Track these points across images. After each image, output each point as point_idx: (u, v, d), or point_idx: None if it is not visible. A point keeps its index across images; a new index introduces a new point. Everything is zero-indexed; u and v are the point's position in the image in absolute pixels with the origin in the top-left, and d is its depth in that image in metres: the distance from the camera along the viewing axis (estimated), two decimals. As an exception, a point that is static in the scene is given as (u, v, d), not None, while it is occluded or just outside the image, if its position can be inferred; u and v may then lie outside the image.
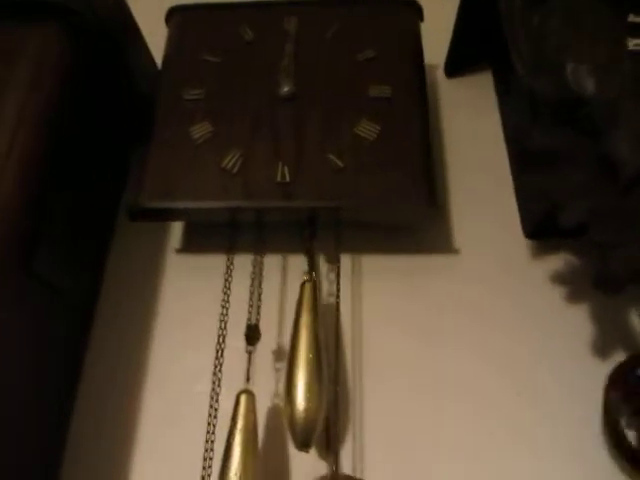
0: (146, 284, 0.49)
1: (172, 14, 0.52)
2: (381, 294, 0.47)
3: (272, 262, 0.48)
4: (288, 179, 0.43)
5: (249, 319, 0.43)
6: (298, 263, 0.47)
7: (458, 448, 0.41)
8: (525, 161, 0.45)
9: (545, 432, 0.41)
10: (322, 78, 0.47)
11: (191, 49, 0.49)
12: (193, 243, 0.51)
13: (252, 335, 0.41)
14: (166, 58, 0.50)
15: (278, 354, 0.44)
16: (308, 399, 0.38)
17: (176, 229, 0.52)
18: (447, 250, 0.49)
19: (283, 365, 0.43)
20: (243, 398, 0.39)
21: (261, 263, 0.45)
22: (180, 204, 0.43)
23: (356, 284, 0.48)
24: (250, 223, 0.47)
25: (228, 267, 0.44)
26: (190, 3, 0.53)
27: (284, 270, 0.48)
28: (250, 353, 0.41)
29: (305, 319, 0.41)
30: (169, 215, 0.44)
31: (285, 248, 0.48)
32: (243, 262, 0.46)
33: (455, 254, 0.48)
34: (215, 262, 0.48)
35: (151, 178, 0.44)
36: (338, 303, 0.43)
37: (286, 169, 0.43)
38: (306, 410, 0.37)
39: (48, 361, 0.41)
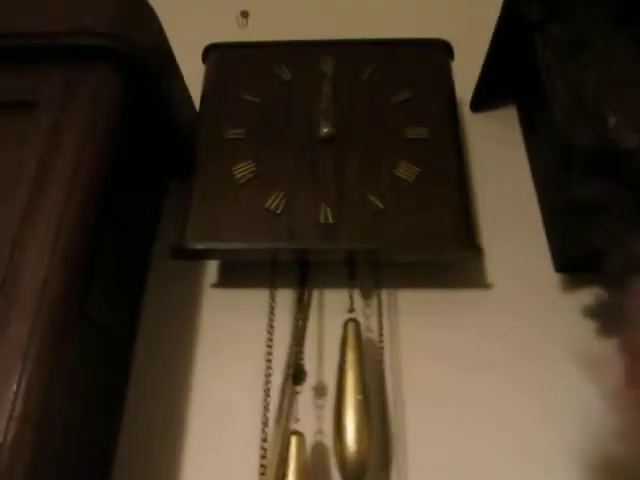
0: (183, 318, 0.50)
1: (209, 52, 0.53)
2: (418, 328, 0.48)
3: (303, 298, 0.49)
4: (331, 220, 0.44)
5: (294, 356, 0.44)
6: (335, 299, 0.48)
7: (500, 473, 0.42)
8: (559, 205, 0.47)
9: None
10: (359, 120, 0.49)
11: (229, 88, 0.50)
12: (229, 278, 0.51)
13: (299, 375, 0.42)
14: (205, 96, 0.51)
15: (319, 391, 0.45)
16: (359, 441, 0.39)
17: (211, 264, 0.53)
18: (480, 285, 0.50)
19: (324, 402, 0.44)
20: (294, 440, 0.39)
21: (305, 300, 0.46)
22: (225, 245, 0.44)
23: (393, 319, 0.49)
24: (289, 261, 0.48)
25: (271, 305, 0.45)
26: (226, 41, 0.54)
27: (320, 306, 0.49)
28: (296, 393, 0.42)
29: (351, 358, 0.42)
30: (213, 255, 0.45)
31: (320, 284, 0.50)
32: (281, 297, 0.47)
33: (488, 288, 0.50)
34: (253, 297, 0.49)
35: (195, 217, 0.44)
36: (382, 342, 0.45)
37: (329, 210, 0.44)
38: (357, 452, 0.38)
39: (94, 393, 0.42)
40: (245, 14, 0.66)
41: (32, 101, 0.39)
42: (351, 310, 0.45)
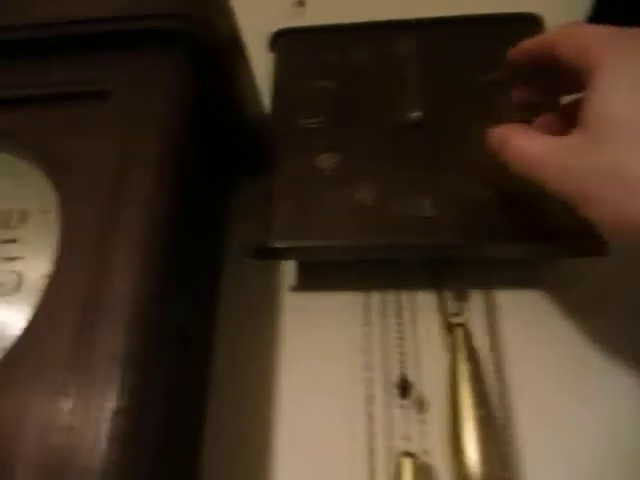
0: (262, 324, 0.45)
1: (278, 38, 0.49)
2: (516, 332, 0.43)
3: (395, 300, 0.44)
4: (430, 213, 0.39)
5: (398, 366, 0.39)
6: (425, 300, 0.44)
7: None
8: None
9: None
10: (449, 102, 0.44)
11: (303, 74, 0.46)
12: (309, 280, 0.47)
13: (406, 387, 0.37)
14: (278, 84, 0.47)
15: (420, 405, 0.40)
16: (485, 463, 0.34)
17: (286, 266, 0.48)
18: (598, 283, 0.44)
19: (426, 417, 0.39)
20: (407, 463, 0.34)
21: (400, 302, 0.41)
22: (316, 242, 0.39)
23: (490, 322, 0.43)
24: (377, 260, 0.43)
25: (366, 308, 0.41)
26: (296, 26, 0.50)
27: (413, 309, 0.44)
28: (404, 408, 0.37)
29: (464, 369, 0.37)
30: (302, 254, 0.41)
31: (406, 284, 0.45)
32: (372, 300, 0.43)
33: (603, 287, 0.44)
34: (338, 300, 0.44)
35: (279, 214, 0.40)
36: (493, 350, 0.40)
37: (427, 202, 0.40)
38: (484, 476, 0.33)
39: (181, 408, 0.37)
40: (302, 2, 0.62)
41: (104, 90, 0.36)
42: (457, 314, 0.40)
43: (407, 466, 0.34)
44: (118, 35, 0.37)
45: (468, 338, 0.39)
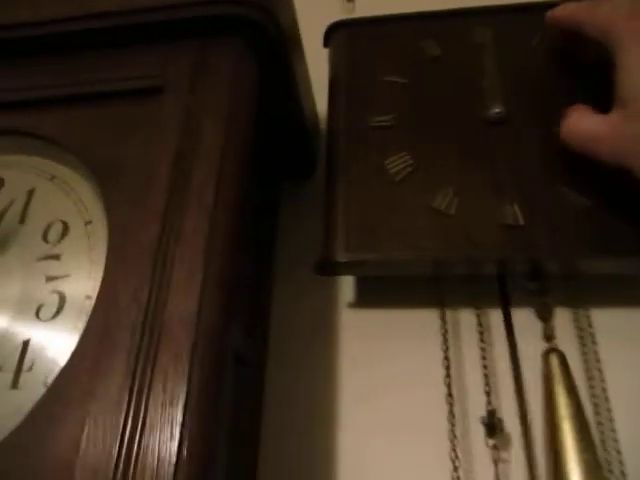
0: (317, 344, 0.40)
1: (334, 31, 0.45)
2: (618, 358, 0.37)
3: (460, 320, 0.39)
4: (522, 221, 0.34)
5: (485, 400, 0.34)
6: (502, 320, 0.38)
7: None
8: None
9: None
10: (534, 96, 0.39)
11: (367, 69, 0.42)
12: (369, 296, 0.42)
13: (495, 424, 0.32)
14: (336, 80, 0.43)
15: (504, 441, 0.35)
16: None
17: (344, 281, 0.44)
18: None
19: (510, 456, 0.34)
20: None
21: (483, 324, 0.36)
22: (387, 255, 0.34)
23: (588, 345, 0.38)
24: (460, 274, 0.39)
25: (444, 329, 0.36)
26: (353, 18, 0.46)
27: (491, 331, 0.39)
28: (496, 448, 0.32)
29: (564, 403, 0.32)
30: (369, 268, 0.36)
31: (483, 301, 0.40)
32: (429, 319, 0.38)
33: None
34: (396, 318, 0.40)
35: (343, 224, 0.36)
36: (592, 380, 0.34)
37: (517, 208, 0.35)
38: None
39: (240, 435, 0.33)
40: (352, -2, 0.58)
41: (155, 86, 0.32)
42: (550, 336, 0.35)
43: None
44: (174, 23, 0.33)
45: (565, 366, 0.33)
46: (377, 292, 0.42)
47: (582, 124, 0.34)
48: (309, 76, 0.45)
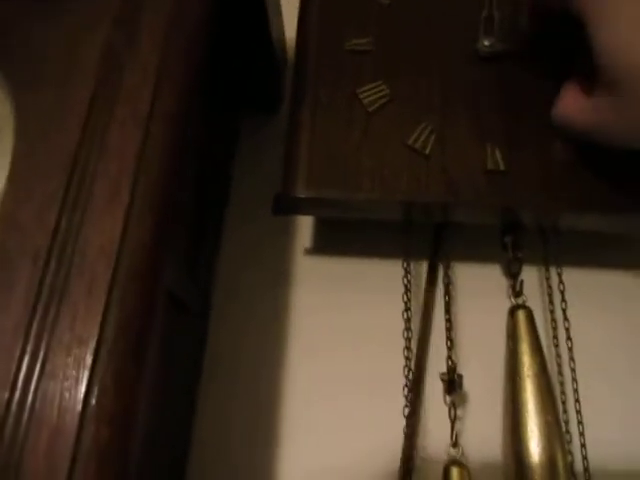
0: (269, 292, 0.37)
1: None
2: (588, 319, 0.35)
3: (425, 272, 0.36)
4: (502, 167, 0.31)
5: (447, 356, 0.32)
6: (475, 275, 0.36)
7: None
8: None
9: None
10: (532, 30, 0.35)
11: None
12: (327, 242, 0.39)
13: (453, 380, 0.30)
14: (311, -4, 0.37)
15: (459, 398, 0.33)
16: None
17: (304, 222, 0.41)
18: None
19: (464, 413, 0.32)
20: (456, 473, 0.28)
21: (447, 278, 0.34)
22: (354, 195, 0.31)
23: (556, 304, 0.36)
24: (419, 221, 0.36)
25: (406, 280, 0.33)
26: None
27: (462, 284, 0.37)
28: (454, 406, 0.30)
29: (528, 362, 0.30)
30: (332, 208, 0.32)
31: (455, 253, 0.37)
32: (407, 271, 0.35)
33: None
34: (357, 268, 0.37)
35: (308, 157, 0.32)
36: (556, 339, 0.32)
37: (498, 153, 0.32)
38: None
39: (173, 385, 0.30)
40: None
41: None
42: (519, 293, 0.33)
43: (455, 478, 0.27)
44: None
45: (532, 324, 0.31)
46: (338, 239, 0.38)
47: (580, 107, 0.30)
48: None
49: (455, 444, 0.29)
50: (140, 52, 0.22)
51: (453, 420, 0.30)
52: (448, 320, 0.32)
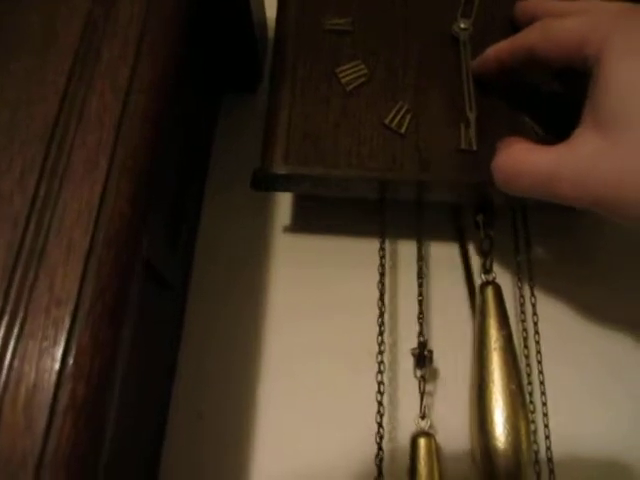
0: (245, 267, 0.38)
1: None
2: (551, 292, 0.36)
3: (401, 250, 0.38)
4: (475, 146, 0.32)
5: (418, 331, 0.33)
6: (442, 252, 0.37)
7: None
8: None
9: None
10: (506, 13, 0.36)
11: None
12: (308, 220, 0.40)
13: (424, 355, 0.31)
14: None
15: (430, 374, 0.34)
16: (516, 448, 0.28)
17: (283, 199, 0.41)
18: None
19: (435, 389, 0.33)
20: (423, 443, 0.29)
21: (419, 254, 0.35)
22: (331, 172, 0.32)
23: (522, 282, 0.37)
24: (394, 200, 0.36)
25: (381, 257, 0.34)
26: None
27: (434, 263, 0.38)
28: (424, 380, 0.31)
29: (496, 337, 0.31)
30: (309, 185, 0.33)
31: (428, 232, 0.38)
32: (381, 250, 0.36)
33: None
34: (339, 246, 0.38)
35: (286, 134, 0.32)
36: (524, 313, 0.34)
37: (471, 132, 0.32)
38: (516, 465, 0.28)
39: (149, 359, 0.31)
40: None
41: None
42: (488, 270, 0.34)
43: (422, 447, 0.29)
44: None
45: (501, 300, 0.32)
46: (315, 216, 0.39)
47: (534, 166, 0.28)
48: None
49: (424, 416, 0.30)
50: (119, 24, 0.23)
51: (422, 393, 0.31)
52: (420, 295, 0.33)
